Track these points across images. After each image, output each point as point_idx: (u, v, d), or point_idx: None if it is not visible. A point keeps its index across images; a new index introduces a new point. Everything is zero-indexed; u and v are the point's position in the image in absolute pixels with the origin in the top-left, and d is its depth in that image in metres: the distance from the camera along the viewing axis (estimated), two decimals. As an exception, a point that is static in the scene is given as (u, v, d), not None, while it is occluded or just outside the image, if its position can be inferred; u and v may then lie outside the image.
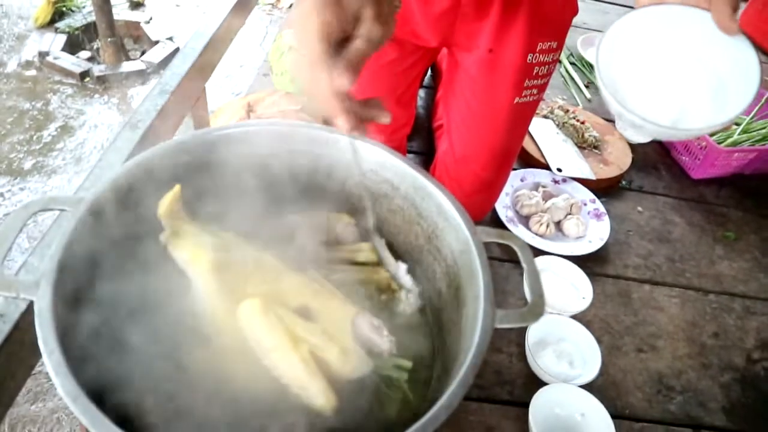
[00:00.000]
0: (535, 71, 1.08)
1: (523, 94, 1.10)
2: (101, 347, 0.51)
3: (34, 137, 2.44)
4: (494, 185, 1.30)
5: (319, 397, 0.53)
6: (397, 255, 0.71)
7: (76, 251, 0.54)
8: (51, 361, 0.44)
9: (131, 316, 0.56)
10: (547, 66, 1.09)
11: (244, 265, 0.59)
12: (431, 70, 1.79)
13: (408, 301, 0.67)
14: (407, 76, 1.19)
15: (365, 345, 0.57)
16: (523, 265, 0.58)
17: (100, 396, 0.47)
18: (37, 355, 0.66)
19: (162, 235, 0.60)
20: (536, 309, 0.54)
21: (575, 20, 2.56)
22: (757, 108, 1.81)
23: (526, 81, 1.09)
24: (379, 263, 0.71)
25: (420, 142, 1.66)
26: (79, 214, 0.55)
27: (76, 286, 0.53)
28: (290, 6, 2.87)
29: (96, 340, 0.51)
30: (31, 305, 0.56)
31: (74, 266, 0.53)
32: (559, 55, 1.11)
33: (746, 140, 1.73)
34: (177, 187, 0.60)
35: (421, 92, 1.84)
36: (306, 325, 0.56)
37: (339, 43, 0.51)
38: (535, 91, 1.12)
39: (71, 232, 0.54)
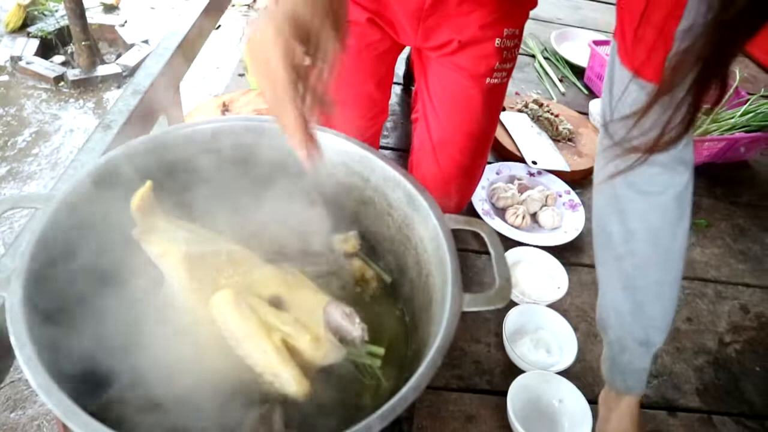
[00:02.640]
0: (504, 55, 1.15)
1: (494, 76, 1.17)
2: (75, 341, 0.52)
3: (9, 143, 2.41)
4: (472, 172, 1.32)
5: (292, 384, 0.54)
6: (371, 246, 0.72)
7: (49, 248, 0.54)
8: (23, 354, 0.45)
9: (106, 310, 0.56)
10: (512, 51, 1.16)
11: (217, 257, 0.60)
12: (406, 64, 1.82)
13: None
14: (386, 58, 1.23)
15: (337, 333, 0.58)
16: (490, 249, 0.59)
17: (76, 389, 0.47)
18: (12, 353, 0.66)
19: (134, 231, 0.61)
20: (503, 292, 0.55)
21: (550, 15, 2.60)
22: (726, 98, 1.86)
23: (497, 64, 1.15)
24: (353, 254, 0.72)
25: (396, 139, 1.68)
26: (50, 211, 0.55)
27: (50, 281, 0.53)
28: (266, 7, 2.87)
29: (70, 335, 0.52)
30: (2, 307, 0.56)
31: (47, 262, 0.53)
32: (521, 40, 1.18)
33: (716, 129, 1.77)
34: (148, 183, 0.61)
35: (396, 89, 1.86)
36: (278, 314, 0.57)
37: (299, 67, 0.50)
38: (504, 74, 1.18)
39: (42, 229, 0.54)
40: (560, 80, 2.09)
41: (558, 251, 1.37)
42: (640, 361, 0.84)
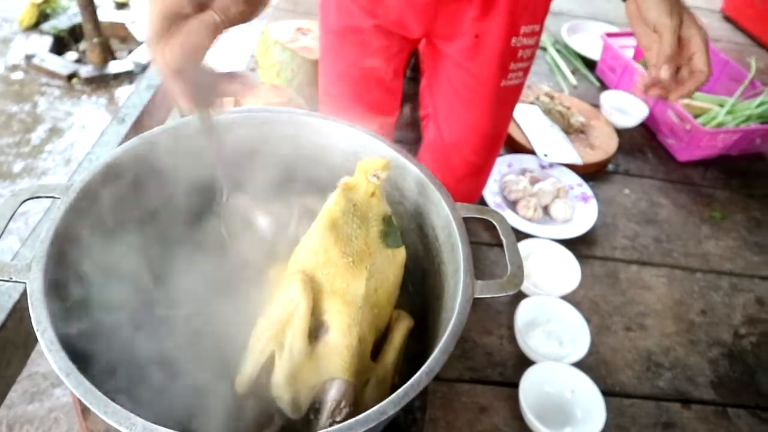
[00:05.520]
0: (519, 54, 1.10)
1: (509, 77, 1.12)
2: (94, 327, 0.53)
3: (23, 140, 2.44)
4: (483, 169, 1.32)
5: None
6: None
7: (68, 236, 0.55)
8: (44, 339, 0.45)
9: (124, 298, 0.57)
10: (530, 49, 1.11)
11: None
12: (415, 59, 1.81)
13: None
14: (393, 63, 1.20)
15: (315, 402, 0.55)
16: (502, 237, 0.59)
17: (94, 373, 0.48)
18: (31, 342, 0.67)
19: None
20: (515, 279, 0.55)
21: (561, 8, 2.58)
22: (741, 89, 1.84)
23: (512, 64, 1.11)
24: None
25: (406, 133, 1.67)
26: (69, 200, 0.56)
27: (69, 269, 0.54)
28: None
29: (89, 320, 0.52)
30: (23, 296, 0.57)
31: (66, 250, 0.54)
32: (540, 38, 1.13)
33: (731, 121, 1.75)
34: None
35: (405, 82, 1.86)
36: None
37: (192, 14, 0.45)
38: (520, 73, 1.14)
39: (61, 218, 0.55)
40: (572, 73, 2.08)
41: (570, 243, 1.37)
42: None
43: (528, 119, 1.72)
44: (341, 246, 0.57)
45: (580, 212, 1.47)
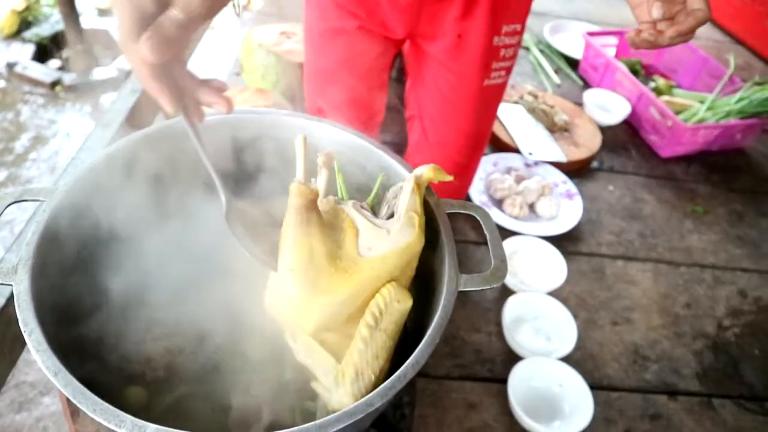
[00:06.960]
0: (501, 53, 1.11)
1: (491, 76, 1.14)
2: (82, 327, 0.53)
3: (6, 148, 2.42)
4: (468, 169, 1.33)
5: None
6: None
7: (53, 238, 0.55)
8: (31, 340, 0.46)
9: (112, 296, 0.57)
10: (512, 48, 1.12)
11: None
12: (400, 61, 1.82)
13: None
14: (378, 64, 1.21)
15: None
16: (486, 232, 0.60)
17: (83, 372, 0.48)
18: (17, 348, 0.67)
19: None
20: (498, 272, 0.56)
21: (543, 8, 2.61)
22: (720, 85, 1.87)
23: (494, 63, 1.12)
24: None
25: (392, 134, 1.69)
26: (54, 203, 0.56)
27: (56, 270, 0.54)
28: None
29: (77, 322, 0.53)
30: (9, 302, 0.57)
31: (52, 252, 0.54)
32: (522, 38, 1.14)
33: (711, 117, 1.78)
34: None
35: (391, 83, 1.87)
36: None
37: (157, 15, 0.47)
38: (503, 73, 1.15)
39: (47, 221, 0.55)
40: (555, 72, 2.10)
41: (556, 240, 1.38)
42: None
43: (512, 118, 1.74)
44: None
45: (566, 209, 1.49)
